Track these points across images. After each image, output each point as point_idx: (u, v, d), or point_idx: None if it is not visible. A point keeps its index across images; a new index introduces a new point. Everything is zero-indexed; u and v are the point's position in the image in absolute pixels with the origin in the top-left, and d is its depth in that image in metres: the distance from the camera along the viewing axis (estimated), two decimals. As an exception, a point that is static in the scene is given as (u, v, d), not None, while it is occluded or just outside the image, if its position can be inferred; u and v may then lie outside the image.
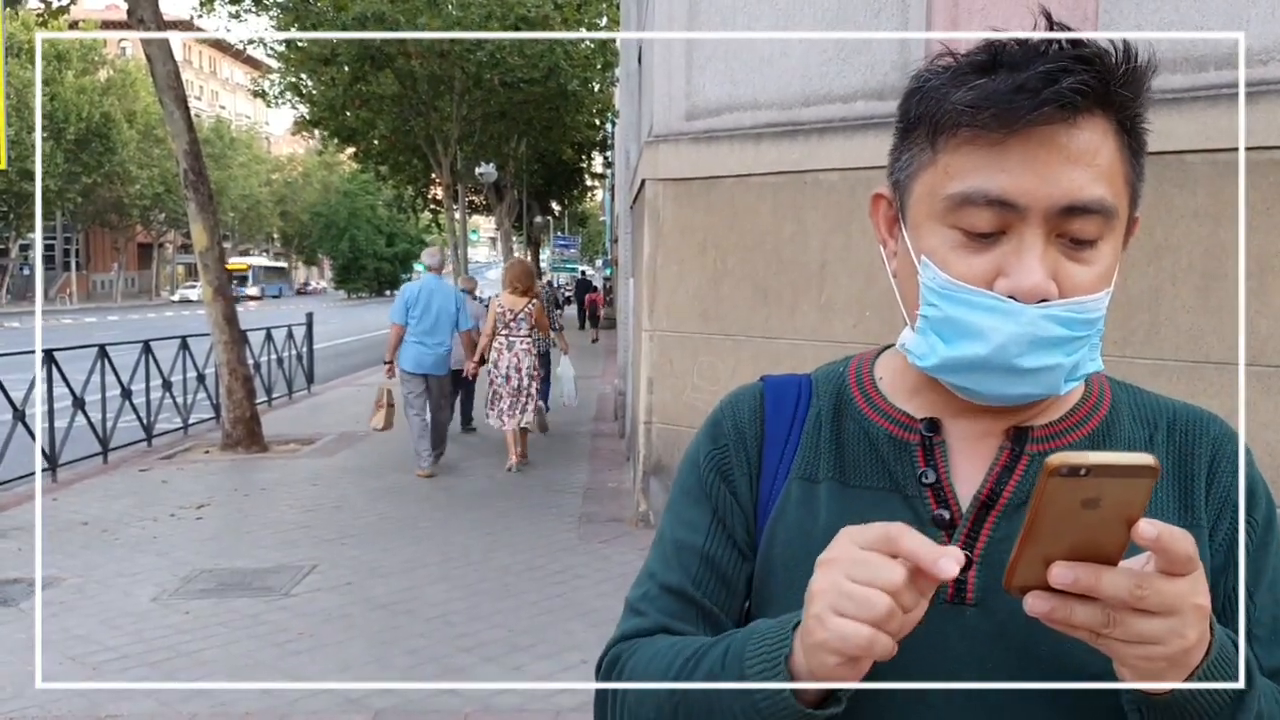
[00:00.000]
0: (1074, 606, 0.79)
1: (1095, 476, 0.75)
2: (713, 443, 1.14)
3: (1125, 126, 0.95)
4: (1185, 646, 0.80)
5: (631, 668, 1.04)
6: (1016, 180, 0.91)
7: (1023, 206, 0.91)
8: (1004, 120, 0.90)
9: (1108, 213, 0.93)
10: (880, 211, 1.07)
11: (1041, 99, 0.89)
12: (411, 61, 20.70)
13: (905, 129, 1.00)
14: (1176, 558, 0.77)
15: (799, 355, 6.25)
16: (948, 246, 0.95)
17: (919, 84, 0.98)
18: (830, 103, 6.22)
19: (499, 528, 7.68)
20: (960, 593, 0.98)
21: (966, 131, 0.93)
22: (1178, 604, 0.78)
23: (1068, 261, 0.93)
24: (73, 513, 8.30)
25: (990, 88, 0.91)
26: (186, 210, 11.31)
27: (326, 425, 13.10)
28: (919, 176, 0.98)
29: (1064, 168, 0.91)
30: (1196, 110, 4.81)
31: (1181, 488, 1.03)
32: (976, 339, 0.94)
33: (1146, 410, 1.08)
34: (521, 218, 38.32)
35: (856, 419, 1.09)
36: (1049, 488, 0.76)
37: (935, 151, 0.96)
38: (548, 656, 5.15)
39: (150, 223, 65.59)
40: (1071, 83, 0.89)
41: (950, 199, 0.94)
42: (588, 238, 70.28)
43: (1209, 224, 4.85)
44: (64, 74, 51.42)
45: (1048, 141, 0.91)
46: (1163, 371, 4.94)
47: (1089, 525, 0.77)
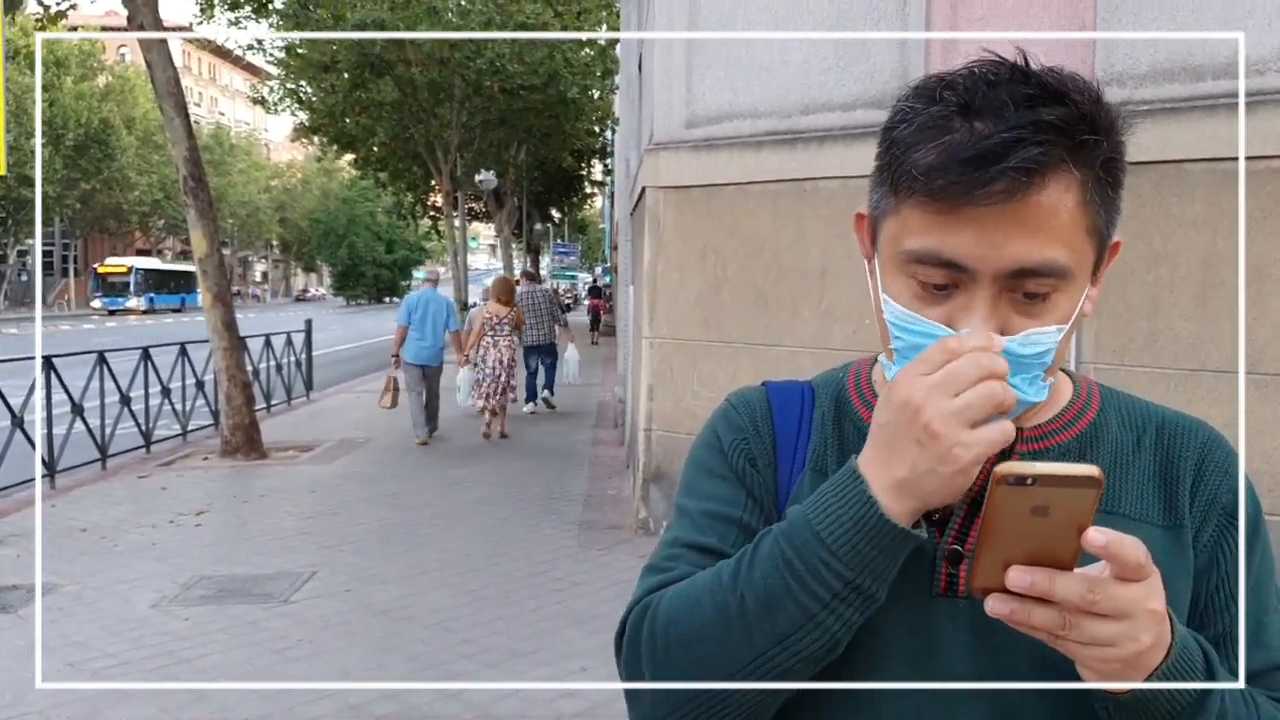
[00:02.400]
0: (1032, 609, 0.83)
1: (1041, 486, 0.79)
2: (733, 432, 1.15)
3: (1092, 176, 0.95)
4: (1138, 650, 0.84)
5: (669, 600, 1.01)
6: (967, 246, 0.93)
7: (972, 270, 0.94)
8: (955, 193, 0.92)
9: (1058, 274, 0.95)
10: (864, 229, 1.10)
11: (993, 173, 0.90)
12: (411, 68, 20.73)
13: (878, 167, 1.02)
14: (1127, 564, 0.81)
15: (799, 362, 6.26)
16: (908, 294, 0.99)
17: (892, 123, 0.99)
18: (830, 111, 6.24)
19: (499, 534, 7.68)
20: (952, 585, 1.02)
21: (922, 195, 0.94)
22: (1130, 608, 0.82)
23: (1017, 315, 0.96)
24: (71, 519, 8.29)
25: (950, 150, 0.92)
26: (186, 217, 11.32)
27: (326, 432, 13.10)
28: (885, 220, 1.01)
29: (1015, 235, 0.92)
30: (1195, 119, 4.83)
31: (1167, 490, 1.05)
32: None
33: (1135, 415, 1.11)
34: (521, 225, 38.33)
35: (854, 421, 1.13)
36: (997, 495, 0.79)
37: (897, 201, 0.98)
38: (548, 663, 5.15)
39: (149, 229, 65.64)
40: (1024, 158, 0.90)
41: (907, 254, 0.97)
42: (587, 245, 70.30)
43: (1207, 232, 4.87)
44: (63, 80, 51.45)
45: (999, 212, 0.92)
46: (1161, 379, 4.95)
47: (1040, 531, 0.80)
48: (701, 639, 0.97)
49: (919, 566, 1.01)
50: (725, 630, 0.96)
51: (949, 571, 1.01)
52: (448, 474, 10.11)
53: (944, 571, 1.02)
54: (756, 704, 0.97)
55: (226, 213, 67.24)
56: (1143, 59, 5.07)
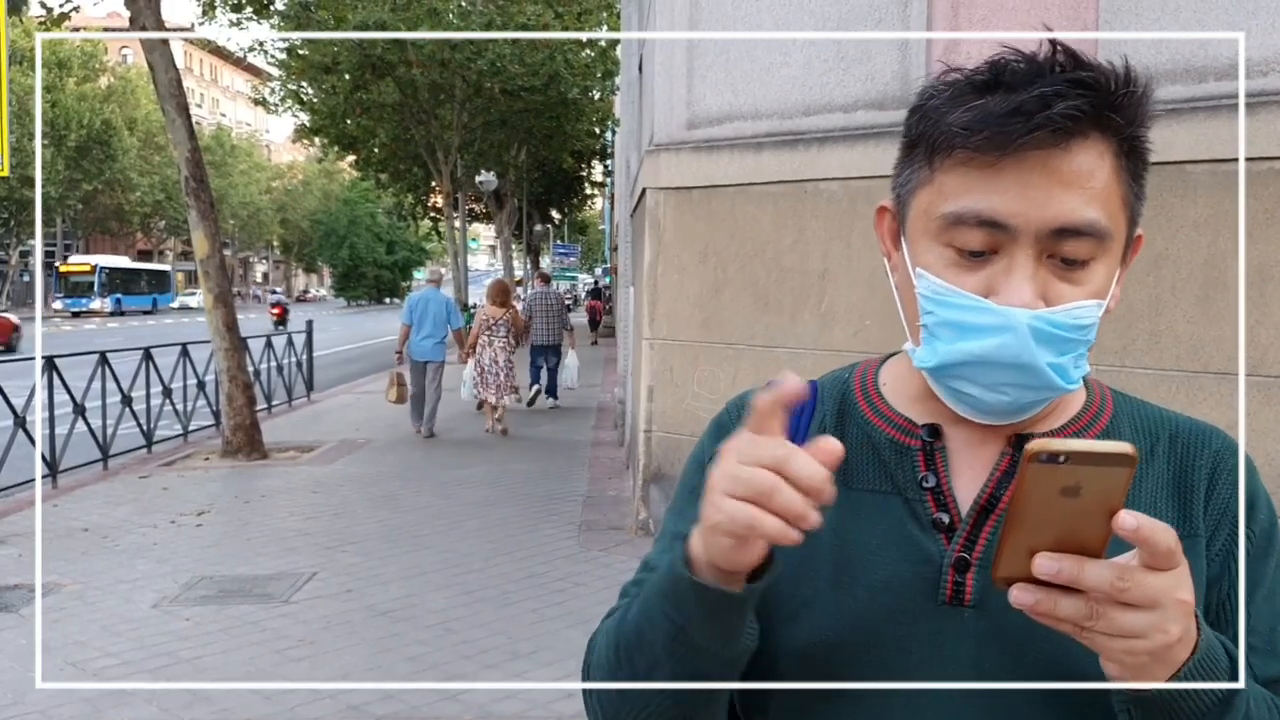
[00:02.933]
0: (1058, 599, 0.79)
1: (1074, 464, 0.76)
2: (718, 442, 1.14)
3: (1124, 148, 0.96)
4: (1167, 641, 0.81)
5: (600, 634, 1.08)
6: (1008, 202, 0.93)
7: (1013, 228, 0.93)
8: (997, 143, 0.92)
9: (1099, 235, 0.94)
10: (884, 225, 1.09)
11: (1034, 123, 0.90)
12: (412, 70, 20.73)
13: (907, 145, 1.02)
14: (1157, 550, 0.78)
15: (799, 364, 6.26)
16: (942, 263, 0.98)
17: (921, 101, 1.00)
18: (831, 112, 6.24)
19: (499, 535, 7.68)
20: (959, 595, 1.00)
21: (961, 153, 0.94)
22: (1160, 597, 0.79)
23: (1058, 281, 0.95)
24: (73, 519, 8.30)
25: (986, 109, 0.92)
26: (187, 218, 11.32)
27: (327, 433, 13.10)
28: (917, 194, 1.00)
29: (1056, 191, 0.92)
30: (1197, 120, 4.83)
31: (1181, 499, 1.04)
32: (973, 336, 0.95)
33: (1149, 421, 1.09)
34: (521, 226, 38.35)
35: (859, 423, 1.11)
36: (1028, 473, 0.77)
37: (932, 170, 0.98)
38: (548, 664, 5.15)
39: (150, 230, 65.71)
40: (1065, 107, 0.90)
41: (944, 218, 0.96)
42: (587, 246, 70.33)
43: (1209, 234, 4.86)
44: (65, 81, 51.50)
45: (1040, 165, 0.92)
46: (1163, 381, 4.95)
47: (1071, 515, 0.78)
48: (605, 674, 1.02)
49: (927, 575, 1.00)
50: (614, 668, 1.00)
51: (955, 580, 1.00)
52: (448, 475, 10.11)
53: (950, 580, 1.00)
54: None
55: (228, 214, 67.26)
56: (1145, 60, 5.06)
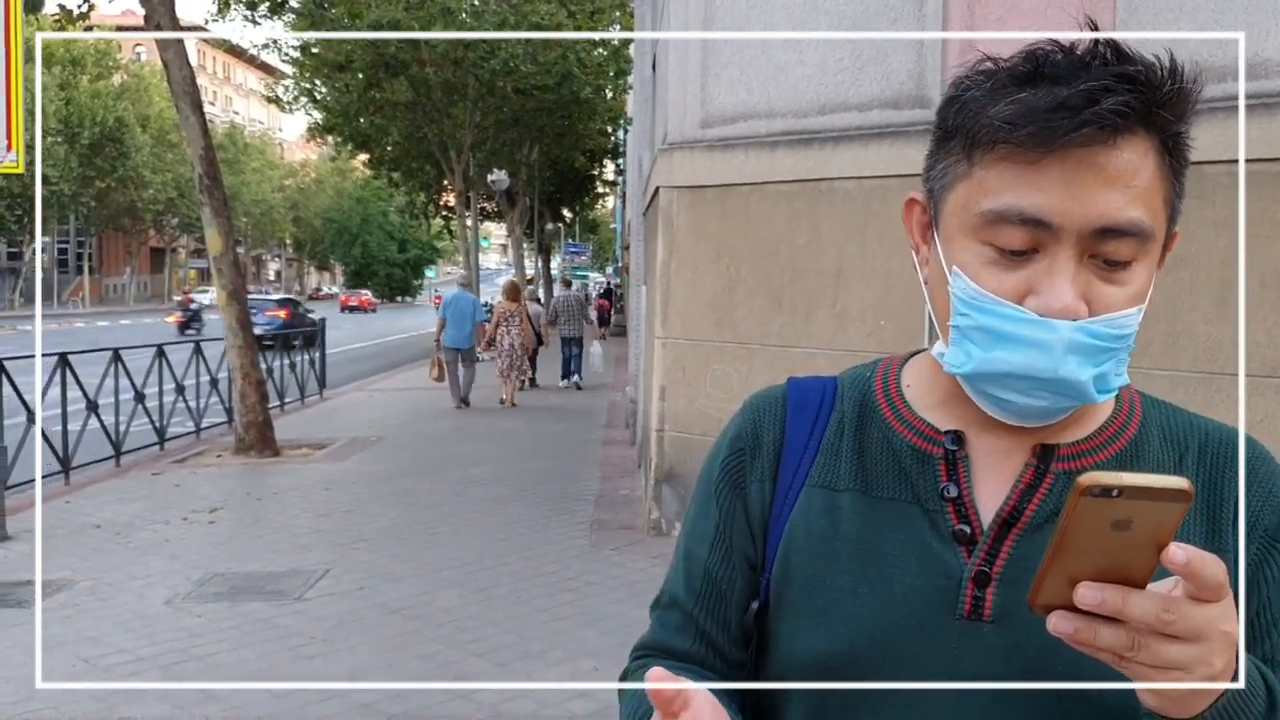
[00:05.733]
0: (1099, 628, 0.77)
1: (1127, 498, 0.73)
2: (729, 448, 1.14)
3: (1167, 146, 0.94)
4: (1211, 674, 0.77)
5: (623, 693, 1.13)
6: (1052, 200, 0.90)
7: (1057, 226, 0.90)
8: (1041, 140, 0.89)
9: (1143, 235, 0.92)
10: (914, 217, 1.06)
11: (1081, 119, 0.87)
12: (425, 68, 20.76)
13: (942, 137, 0.99)
14: (1206, 583, 0.75)
15: (813, 363, 6.24)
16: (979, 261, 0.94)
17: (958, 92, 0.96)
18: (845, 111, 6.22)
19: (511, 534, 7.68)
20: (978, 609, 0.97)
21: (1003, 148, 0.91)
22: (1206, 630, 0.76)
23: (1100, 282, 0.92)
24: (86, 515, 8.32)
25: (1029, 103, 0.89)
26: (200, 215, 11.35)
27: (339, 430, 13.13)
28: (954, 188, 0.97)
29: (1101, 189, 0.89)
30: (1215, 121, 4.80)
31: (1210, 512, 1.00)
32: (1010, 348, 0.92)
33: (1178, 430, 1.05)
34: (533, 224, 38.37)
35: (880, 428, 1.08)
36: (1079, 508, 0.74)
37: (971, 164, 0.95)
38: (559, 663, 5.14)
39: (163, 227, 65.90)
40: (1113, 103, 0.88)
41: (984, 215, 0.93)
42: (598, 245, 70.34)
43: (1227, 235, 4.84)
44: (79, 79, 51.69)
45: (1085, 162, 0.89)
46: (1181, 383, 4.92)
47: (1118, 547, 0.75)
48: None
49: (945, 588, 0.98)
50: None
51: (975, 594, 0.97)
52: (461, 473, 10.11)
53: (969, 594, 0.98)
54: None
55: (240, 211, 67.41)
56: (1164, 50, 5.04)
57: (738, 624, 1.10)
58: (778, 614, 1.06)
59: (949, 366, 0.99)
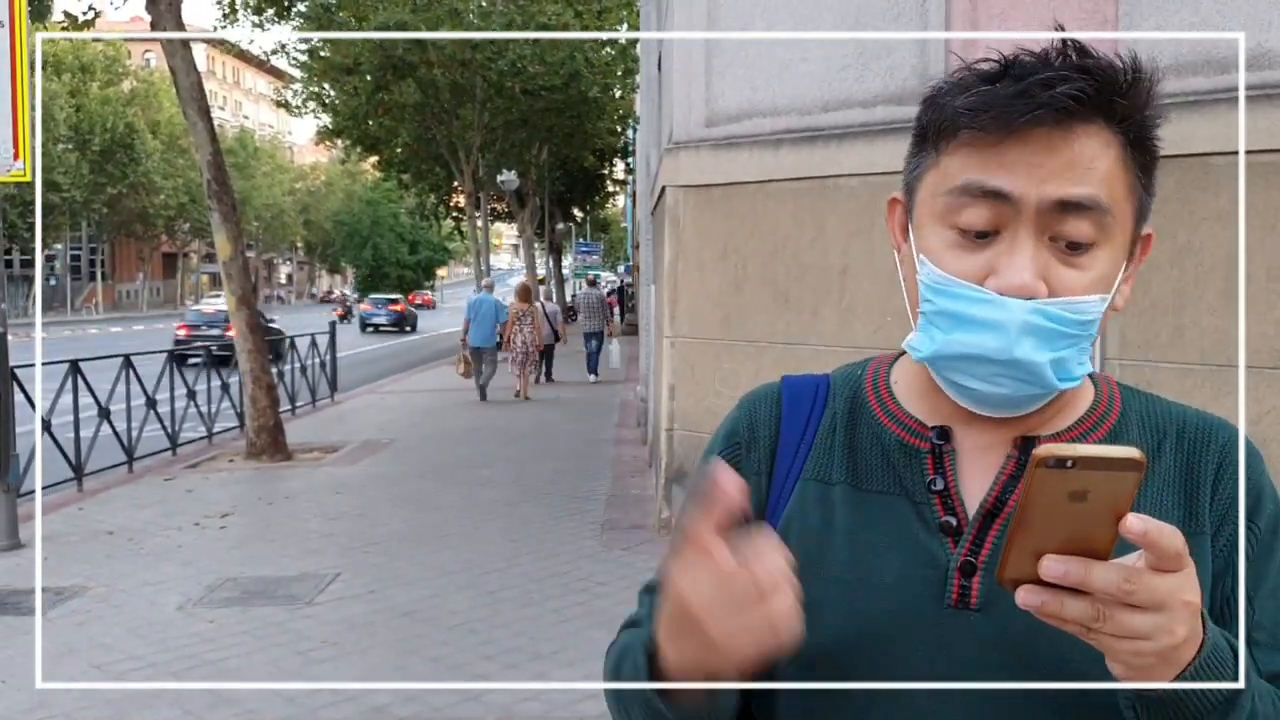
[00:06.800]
0: (1065, 600, 0.79)
1: (1081, 469, 0.76)
2: (725, 442, 1.16)
3: (1130, 139, 0.97)
4: (1174, 643, 0.81)
5: (611, 651, 1.15)
6: (1011, 176, 0.94)
7: (1015, 198, 0.93)
8: (1001, 123, 0.93)
9: (1101, 210, 0.94)
10: (895, 217, 1.10)
11: (1037, 102, 0.92)
12: (433, 70, 20.81)
13: (917, 136, 1.04)
14: (1165, 553, 0.78)
15: (820, 361, 6.22)
16: (944, 245, 0.98)
17: (932, 93, 1.01)
18: (850, 108, 6.21)
19: (522, 535, 7.69)
20: (964, 598, 1.00)
21: (966, 134, 0.96)
22: (1166, 599, 0.79)
23: (1060, 265, 0.95)
24: (98, 521, 8.36)
25: (992, 94, 0.94)
26: (210, 220, 11.40)
27: (350, 433, 13.16)
28: (924, 179, 1.02)
29: (1059, 169, 0.93)
30: (1219, 112, 4.78)
31: (1187, 495, 1.03)
32: (968, 329, 0.96)
33: (1157, 418, 1.08)
34: (543, 224, 38.39)
35: (870, 423, 1.11)
36: (1036, 478, 0.77)
37: (939, 154, 0.99)
38: (570, 664, 5.15)
39: (175, 233, 66.09)
40: (1067, 89, 0.91)
41: (948, 194, 0.97)
42: (610, 244, 70.33)
43: (1232, 226, 4.81)
44: (89, 85, 51.88)
45: (1043, 145, 0.93)
46: (1187, 375, 4.90)
47: (1078, 518, 0.78)
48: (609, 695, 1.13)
49: (933, 578, 1.00)
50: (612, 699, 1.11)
51: (961, 583, 1.00)
52: (471, 474, 10.13)
53: (956, 583, 1.00)
54: None
55: (251, 216, 67.56)
56: (1165, 51, 5.01)
57: None
58: None
59: (913, 352, 1.02)
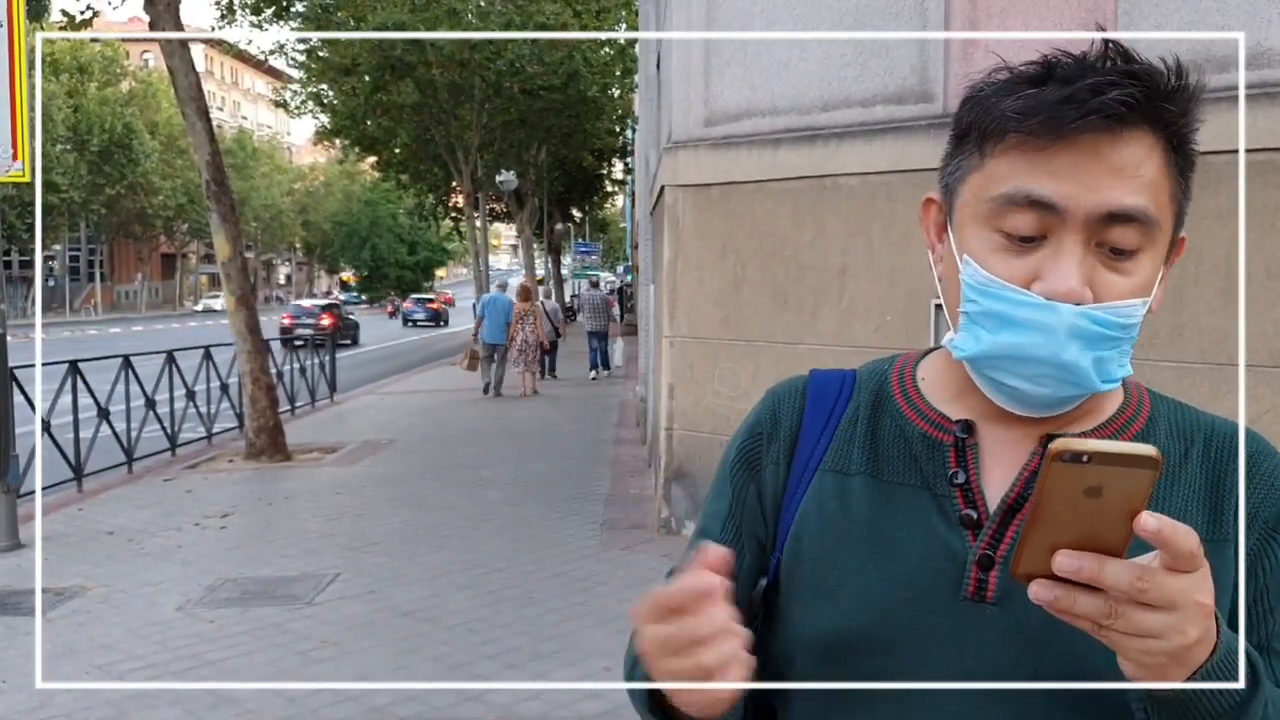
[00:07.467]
0: (1077, 596, 0.79)
1: (1097, 464, 0.76)
2: (748, 433, 1.18)
3: (1172, 144, 0.97)
4: (1185, 643, 0.80)
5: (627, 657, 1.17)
6: (1059, 185, 0.93)
7: (1063, 209, 0.93)
8: (1050, 127, 0.93)
9: (1148, 221, 0.95)
10: (930, 216, 1.10)
11: (1087, 109, 0.91)
12: (432, 70, 20.79)
13: (958, 136, 1.03)
14: (1179, 552, 0.78)
15: (820, 360, 6.23)
16: (989, 249, 0.98)
17: (973, 93, 1.01)
18: (849, 107, 6.21)
19: (522, 535, 7.69)
20: (981, 591, 1.00)
21: (1014, 137, 0.95)
22: (1179, 599, 0.79)
23: (1105, 270, 0.95)
24: (98, 522, 8.36)
25: (1039, 97, 0.94)
26: (209, 221, 11.39)
27: (350, 433, 13.16)
28: (967, 180, 1.01)
29: (1107, 177, 0.93)
30: (1219, 111, 4.78)
31: (1213, 504, 1.02)
32: (1016, 330, 0.95)
33: (1185, 425, 1.08)
34: (542, 225, 38.38)
35: (894, 416, 1.11)
36: (1051, 473, 0.77)
37: (983, 157, 0.99)
38: (571, 664, 5.15)
39: (173, 233, 66.12)
40: (1117, 95, 0.92)
41: (994, 200, 0.97)
42: (609, 244, 70.33)
43: (1232, 225, 4.82)
44: (87, 86, 51.87)
45: (1092, 151, 0.93)
46: (1187, 374, 4.90)
47: (1092, 514, 0.78)
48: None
49: (951, 570, 1.01)
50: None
51: (979, 576, 1.00)
52: (471, 474, 10.13)
53: (973, 576, 1.00)
54: None
55: (250, 216, 67.54)
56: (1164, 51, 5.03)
57: (744, 599, 1.11)
58: (788, 592, 1.09)
59: (957, 351, 1.02)
